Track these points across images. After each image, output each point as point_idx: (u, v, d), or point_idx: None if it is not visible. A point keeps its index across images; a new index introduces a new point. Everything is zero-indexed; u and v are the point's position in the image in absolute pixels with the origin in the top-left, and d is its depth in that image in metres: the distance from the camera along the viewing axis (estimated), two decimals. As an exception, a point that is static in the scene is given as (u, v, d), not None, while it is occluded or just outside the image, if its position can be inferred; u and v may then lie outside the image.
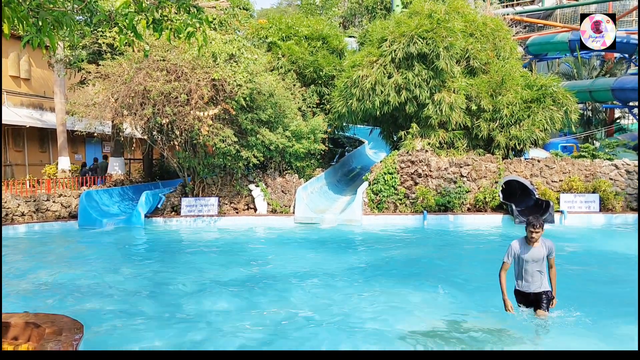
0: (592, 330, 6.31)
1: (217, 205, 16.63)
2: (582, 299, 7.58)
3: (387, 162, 17.25)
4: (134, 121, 15.69)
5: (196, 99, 15.01)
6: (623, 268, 9.91)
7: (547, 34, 30.26)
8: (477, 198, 16.34)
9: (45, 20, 4.00)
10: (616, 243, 12.53)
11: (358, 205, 16.21)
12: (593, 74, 27.93)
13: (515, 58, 19.87)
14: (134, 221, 15.67)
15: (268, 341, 6.19)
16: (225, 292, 8.26)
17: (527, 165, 17.19)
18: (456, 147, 17.78)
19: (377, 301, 7.73)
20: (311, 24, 23.11)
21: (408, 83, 16.99)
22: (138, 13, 5.48)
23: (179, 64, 15.16)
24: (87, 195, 16.32)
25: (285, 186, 17.40)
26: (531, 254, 6.08)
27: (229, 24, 19.68)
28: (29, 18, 3.96)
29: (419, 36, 16.75)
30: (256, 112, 16.48)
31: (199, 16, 5.97)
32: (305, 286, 8.68)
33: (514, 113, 17.20)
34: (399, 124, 19.12)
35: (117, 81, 15.28)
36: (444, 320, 6.85)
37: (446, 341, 6.10)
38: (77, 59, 17.80)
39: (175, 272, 9.78)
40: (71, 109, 16.52)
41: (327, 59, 21.59)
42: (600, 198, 16.06)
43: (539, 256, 6.08)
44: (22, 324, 5.18)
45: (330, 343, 6.09)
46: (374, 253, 11.72)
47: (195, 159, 16.63)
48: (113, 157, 22.26)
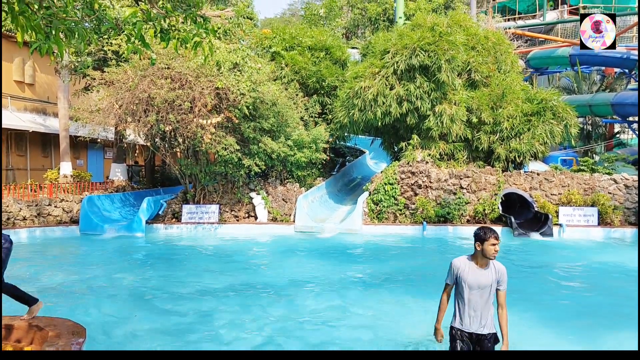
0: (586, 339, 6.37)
1: (217, 213, 16.70)
2: (577, 310, 7.66)
3: (388, 172, 17.36)
4: (137, 128, 15.81)
5: (199, 106, 15.14)
6: (620, 281, 9.97)
7: (548, 48, 30.48)
8: (476, 210, 16.43)
9: (58, 29, 4.11)
10: (614, 257, 12.58)
11: (358, 214, 16.29)
12: (593, 88, 28.12)
13: (516, 72, 20.04)
14: (135, 227, 15.72)
15: (266, 347, 6.25)
16: (224, 300, 8.32)
17: (527, 178, 17.29)
18: (456, 158, 17.90)
19: (376, 309, 7.79)
20: (314, 34, 23.32)
21: (409, 95, 17.13)
22: (146, 22, 5.60)
23: (184, 72, 15.31)
24: (88, 201, 16.40)
25: (286, 195, 17.48)
26: (477, 279, 4.55)
27: (233, 34, 19.84)
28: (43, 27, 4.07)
29: (421, 48, 16.91)
30: (259, 120, 16.61)
31: (206, 26, 6.08)
32: (304, 295, 8.73)
33: (514, 126, 17.32)
34: (400, 135, 19.25)
35: (121, 88, 15.42)
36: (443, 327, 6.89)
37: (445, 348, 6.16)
38: (82, 66, 17.95)
39: (175, 279, 9.84)
40: (75, 115, 16.65)
41: (329, 70, 21.77)
42: (598, 212, 16.14)
43: (486, 282, 4.55)
44: (25, 327, 5.25)
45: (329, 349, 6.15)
46: (374, 262, 11.77)
47: (197, 166, 16.73)
48: (115, 163, 22.36)
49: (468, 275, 4.56)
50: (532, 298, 8.58)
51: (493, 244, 4.45)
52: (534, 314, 7.60)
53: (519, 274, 10.85)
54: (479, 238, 4.52)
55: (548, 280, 10.08)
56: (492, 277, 4.54)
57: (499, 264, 4.64)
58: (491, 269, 4.57)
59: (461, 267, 4.64)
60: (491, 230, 4.49)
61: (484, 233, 4.49)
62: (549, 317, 7.49)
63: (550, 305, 8.27)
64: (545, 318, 7.46)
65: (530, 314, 7.61)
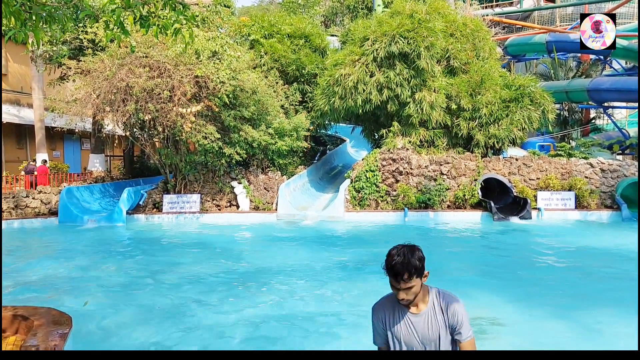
0: (568, 321, 6.55)
1: (199, 202, 16.63)
2: (560, 290, 7.88)
3: (369, 160, 17.44)
4: (115, 117, 15.61)
5: (179, 95, 15.00)
6: (597, 260, 10.27)
7: (525, 35, 30.79)
8: (456, 195, 16.63)
9: (38, 15, 4.05)
10: (591, 239, 12.91)
11: (340, 202, 16.37)
12: (569, 74, 28.50)
13: (494, 58, 20.23)
14: (115, 218, 15.58)
15: (250, 337, 6.27)
16: (206, 289, 8.33)
17: (506, 164, 17.54)
18: (436, 145, 18.06)
19: (358, 295, 7.88)
20: (293, 22, 23.19)
21: (390, 82, 17.20)
22: (125, 9, 5.53)
23: (162, 60, 15.13)
24: (67, 192, 16.18)
25: (267, 183, 17.47)
26: (414, 331, 2.83)
27: (211, 22, 19.66)
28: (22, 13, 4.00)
29: (401, 36, 16.96)
30: (239, 109, 16.53)
31: (185, 13, 6.04)
32: (287, 282, 8.78)
33: (492, 112, 17.53)
34: (380, 123, 19.33)
35: (98, 77, 15.17)
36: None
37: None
38: (58, 55, 17.59)
39: (157, 269, 9.79)
40: (51, 105, 16.35)
41: (309, 57, 21.70)
42: (575, 195, 16.48)
43: (431, 335, 2.82)
44: (10, 317, 5.20)
45: (313, 337, 6.22)
46: (356, 249, 11.87)
47: (177, 155, 16.61)
48: (93, 153, 22.07)
49: (400, 328, 2.86)
50: (512, 277, 8.80)
51: (398, 290, 2.73)
52: (515, 292, 7.82)
53: (500, 257, 11.07)
54: (386, 268, 2.79)
55: (529, 261, 10.32)
56: (438, 324, 2.82)
57: (447, 298, 2.87)
58: (433, 312, 2.84)
59: (387, 317, 2.93)
60: (397, 265, 2.70)
61: (386, 268, 2.77)
62: (531, 295, 7.71)
63: (531, 282, 8.52)
64: (528, 295, 7.71)
65: (512, 291, 7.83)
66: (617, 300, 7.45)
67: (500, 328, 6.34)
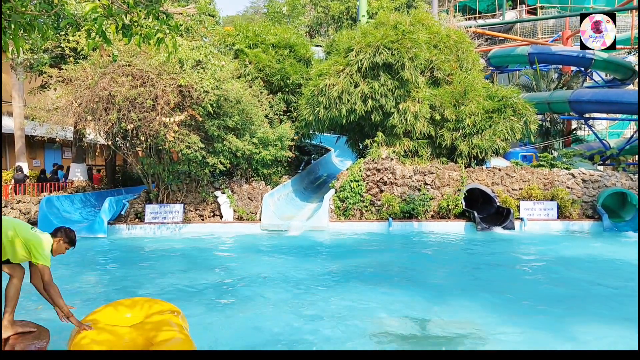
0: (549, 330, 6.57)
1: (182, 212, 16.47)
2: (539, 300, 7.90)
3: (354, 170, 17.46)
4: (97, 126, 15.43)
5: (162, 104, 14.89)
6: (580, 270, 10.34)
7: (508, 47, 31.20)
8: (440, 205, 16.69)
9: (18, 23, 3.97)
10: (573, 248, 13.01)
11: (325, 212, 16.33)
12: (551, 86, 28.90)
13: (477, 70, 20.44)
14: (96, 228, 15.34)
15: (232, 349, 6.20)
16: (189, 300, 8.21)
17: (489, 174, 17.67)
18: (420, 155, 18.15)
19: (343, 305, 7.83)
20: (278, 32, 23.23)
21: (374, 92, 17.28)
22: (107, 18, 5.47)
23: (145, 69, 15.01)
24: (47, 202, 15.92)
25: (251, 193, 17.37)
26: None
27: (195, 31, 19.60)
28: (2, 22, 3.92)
29: (385, 46, 17.07)
30: (223, 118, 16.44)
31: (168, 22, 5.99)
32: (271, 292, 8.70)
33: (476, 123, 17.67)
34: (365, 133, 19.38)
35: (80, 86, 15.00)
36: (410, 319, 6.99)
37: (412, 339, 6.24)
38: (39, 63, 17.37)
39: (139, 280, 9.65)
40: (31, 114, 16.13)
41: (294, 67, 21.72)
42: (558, 205, 16.63)
43: None
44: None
45: (296, 348, 6.15)
46: (341, 259, 11.82)
47: (160, 165, 16.44)
48: (74, 163, 21.78)
49: None
50: (496, 288, 8.80)
51: None
52: (497, 301, 7.82)
53: (483, 266, 11.10)
54: None
55: (512, 271, 10.36)
56: None
57: None
58: None
59: None
60: None
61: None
62: (512, 303, 7.71)
63: (513, 291, 8.52)
64: (509, 304, 7.72)
65: (493, 301, 7.84)
66: (599, 309, 7.50)
67: (482, 338, 6.34)
